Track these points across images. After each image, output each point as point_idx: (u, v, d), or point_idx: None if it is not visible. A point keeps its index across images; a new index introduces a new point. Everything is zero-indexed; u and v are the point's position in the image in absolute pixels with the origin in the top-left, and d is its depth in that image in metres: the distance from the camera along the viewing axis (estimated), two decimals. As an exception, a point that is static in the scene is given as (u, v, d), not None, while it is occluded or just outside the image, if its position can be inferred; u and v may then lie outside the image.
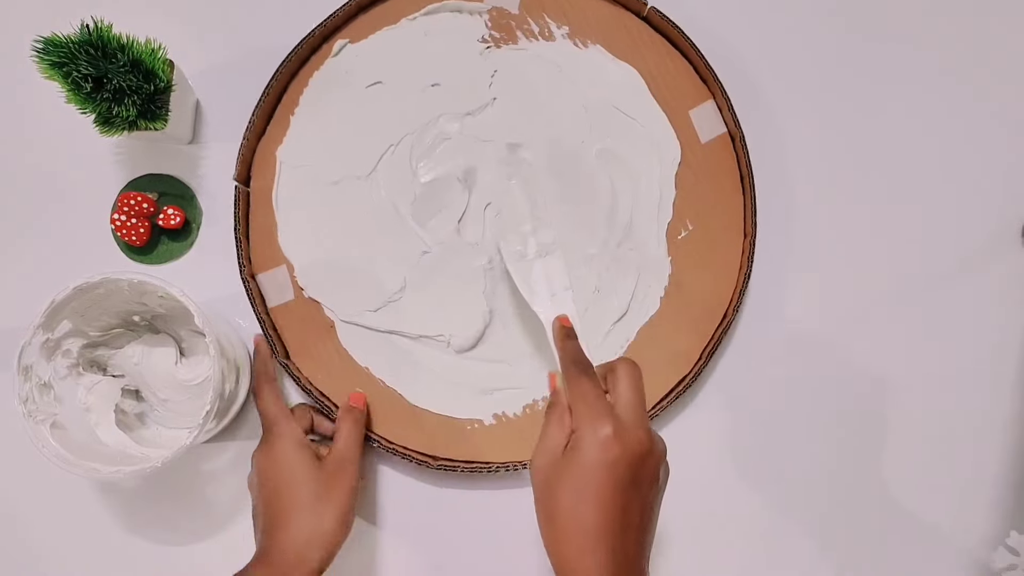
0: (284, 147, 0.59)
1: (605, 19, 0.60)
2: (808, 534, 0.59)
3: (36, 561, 0.59)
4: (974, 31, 0.63)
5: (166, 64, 0.55)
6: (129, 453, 0.53)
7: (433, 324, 0.58)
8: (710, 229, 0.59)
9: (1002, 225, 0.61)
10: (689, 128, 0.60)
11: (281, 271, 0.58)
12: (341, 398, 0.57)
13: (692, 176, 0.59)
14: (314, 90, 0.59)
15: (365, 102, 0.59)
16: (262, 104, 0.58)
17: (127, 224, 0.58)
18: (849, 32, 0.63)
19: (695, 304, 0.58)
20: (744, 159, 0.58)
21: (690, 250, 0.59)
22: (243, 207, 0.58)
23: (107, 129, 0.53)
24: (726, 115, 0.59)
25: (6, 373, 0.49)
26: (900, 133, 0.62)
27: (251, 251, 0.58)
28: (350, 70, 0.60)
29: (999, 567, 0.53)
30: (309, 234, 0.58)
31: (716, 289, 0.59)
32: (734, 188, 0.59)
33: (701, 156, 0.60)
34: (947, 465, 0.59)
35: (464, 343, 0.58)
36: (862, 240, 0.61)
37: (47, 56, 0.49)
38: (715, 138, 0.60)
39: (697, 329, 0.58)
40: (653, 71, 0.60)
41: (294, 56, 0.58)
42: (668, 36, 0.60)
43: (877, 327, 0.61)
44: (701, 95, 0.60)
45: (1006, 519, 0.58)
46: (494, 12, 0.60)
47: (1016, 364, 0.60)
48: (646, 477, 0.41)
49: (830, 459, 0.59)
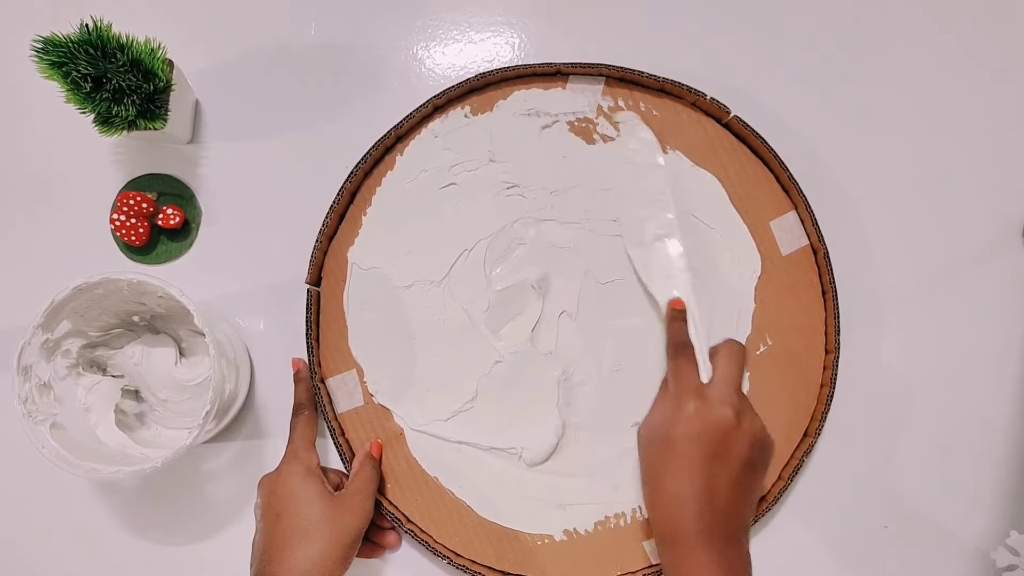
0: (356, 248, 0.58)
1: (686, 124, 0.59)
2: (805, 525, 0.58)
3: (36, 561, 0.59)
4: (973, 31, 0.62)
5: (165, 64, 0.55)
6: (129, 453, 0.52)
7: (505, 436, 0.57)
8: (789, 345, 0.58)
9: (1002, 225, 0.61)
10: (770, 239, 0.58)
11: (351, 376, 0.57)
12: (409, 508, 0.56)
13: (772, 289, 0.58)
14: (387, 191, 0.59)
15: (439, 204, 0.59)
16: (335, 206, 0.57)
17: (126, 224, 0.58)
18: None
19: (772, 423, 0.57)
20: (827, 274, 0.57)
21: (770, 366, 0.58)
22: (314, 310, 0.57)
23: (106, 129, 0.53)
24: (808, 227, 0.58)
25: (6, 373, 0.49)
26: (900, 132, 0.61)
27: (321, 354, 0.57)
28: (426, 168, 0.59)
29: (999, 567, 0.53)
30: (380, 338, 0.58)
31: (795, 408, 0.57)
32: (815, 302, 0.58)
33: (782, 269, 0.58)
34: (947, 465, 0.59)
35: (536, 457, 0.56)
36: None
37: (47, 56, 0.49)
38: (797, 250, 0.58)
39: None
40: (733, 179, 0.59)
41: (369, 156, 0.58)
42: (749, 144, 0.59)
43: (876, 327, 0.60)
44: (783, 206, 0.59)
45: (1006, 519, 0.58)
46: (574, 120, 0.59)
47: (1017, 364, 0.59)
48: (733, 451, 0.45)
49: (834, 455, 0.58)
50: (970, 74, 0.62)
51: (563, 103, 0.59)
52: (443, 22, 0.63)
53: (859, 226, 0.60)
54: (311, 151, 0.60)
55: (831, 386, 0.56)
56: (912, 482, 0.59)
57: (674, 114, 0.59)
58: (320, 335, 0.58)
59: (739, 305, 0.58)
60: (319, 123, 0.61)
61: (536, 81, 0.59)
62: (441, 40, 0.62)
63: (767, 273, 0.58)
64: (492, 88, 0.59)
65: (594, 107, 0.59)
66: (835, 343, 0.57)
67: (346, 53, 0.62)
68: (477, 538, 0.56)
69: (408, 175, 0.59)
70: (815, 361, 0.57)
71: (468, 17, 0.63)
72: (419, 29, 0.62)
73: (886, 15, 0.62)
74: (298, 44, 0.62)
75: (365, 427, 0.57)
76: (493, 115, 0.59)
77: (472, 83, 0.58)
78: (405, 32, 0.62)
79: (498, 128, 0.59)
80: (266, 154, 0.61)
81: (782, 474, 0.57)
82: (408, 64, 0.62)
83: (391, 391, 0.57)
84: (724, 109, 0.58)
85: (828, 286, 0.57)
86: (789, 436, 0.57)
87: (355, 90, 0.61)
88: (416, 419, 0.57)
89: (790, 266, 0.58)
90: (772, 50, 0.62)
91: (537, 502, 0.57)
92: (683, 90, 0.58)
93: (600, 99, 0.59)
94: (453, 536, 0.56)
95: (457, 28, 0.63)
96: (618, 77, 0.59)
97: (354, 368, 0.57)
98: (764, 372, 0.57)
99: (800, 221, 0.58)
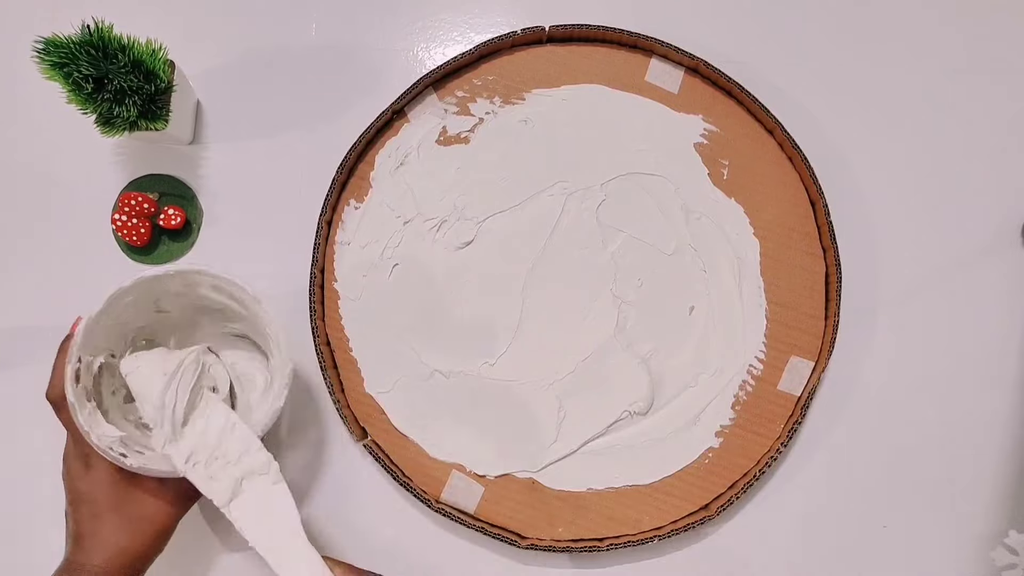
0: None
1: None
2: (804, 525, 0.58)
3: (36, 560, 0.57)
4: (972, 32, 0.62)
5: (167, 64, 0.55)
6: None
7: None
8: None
9: (1002, 225, 0.61)
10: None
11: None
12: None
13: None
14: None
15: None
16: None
17: (128, 224, 0.59)
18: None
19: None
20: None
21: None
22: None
23: (108, 129, 0.54)
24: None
25: (6, 372, 0.48)
26: (899, 133, 0.61)
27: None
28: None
29: (998, 566, 0.53)
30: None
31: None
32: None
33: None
34: (946, 464, 0.59)
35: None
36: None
37: (48, 57, 0.49)
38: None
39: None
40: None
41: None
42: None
43: (876, 326, 0.60)
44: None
45: (1005, 519, 0.58)
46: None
47: (1016, 363, 0.59)
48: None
49: (833, 455, 0.59)
50: (970, 74, 0.62)
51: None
52: (443, 23, 0.63)
53: (859, 226, 0.61)
54: (312, 151, 0.61)
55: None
56: (912, 482, 0.59)
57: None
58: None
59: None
60: (320, 124, 0.61)
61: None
62: (441, 41, 0.63)
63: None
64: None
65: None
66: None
67: (347, 54, 0.62)
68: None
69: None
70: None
71: (468, 18, 0.63)
72: (419, 30, 0.63)
73: (887, 16, 0.63)
74: (299, 45, 0.62)
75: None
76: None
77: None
78: (405, 33, 0.63)
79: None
80: (267, 154, 0.61)
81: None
82: (409, 65, 0.62)
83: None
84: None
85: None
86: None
87: (356, 91, 0.61)
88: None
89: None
90: (776, 29, 0.62)
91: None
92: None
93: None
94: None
95: (457, 29, 0.63)
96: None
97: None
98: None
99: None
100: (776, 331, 0.58)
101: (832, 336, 0.57)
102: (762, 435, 0.57)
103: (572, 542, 0.56)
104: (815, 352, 0.57)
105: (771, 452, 0.56)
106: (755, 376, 0.57)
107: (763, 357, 0.57)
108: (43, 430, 0.54)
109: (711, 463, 0.57)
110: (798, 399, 0.57)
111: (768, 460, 0.56)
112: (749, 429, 0.57)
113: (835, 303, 0.57)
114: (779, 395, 0.57)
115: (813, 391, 0.57)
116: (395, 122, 0.59)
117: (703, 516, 0.55)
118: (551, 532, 0.56)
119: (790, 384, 0.57)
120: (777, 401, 0.57)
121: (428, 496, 0.55)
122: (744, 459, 0.56)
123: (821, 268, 0.58)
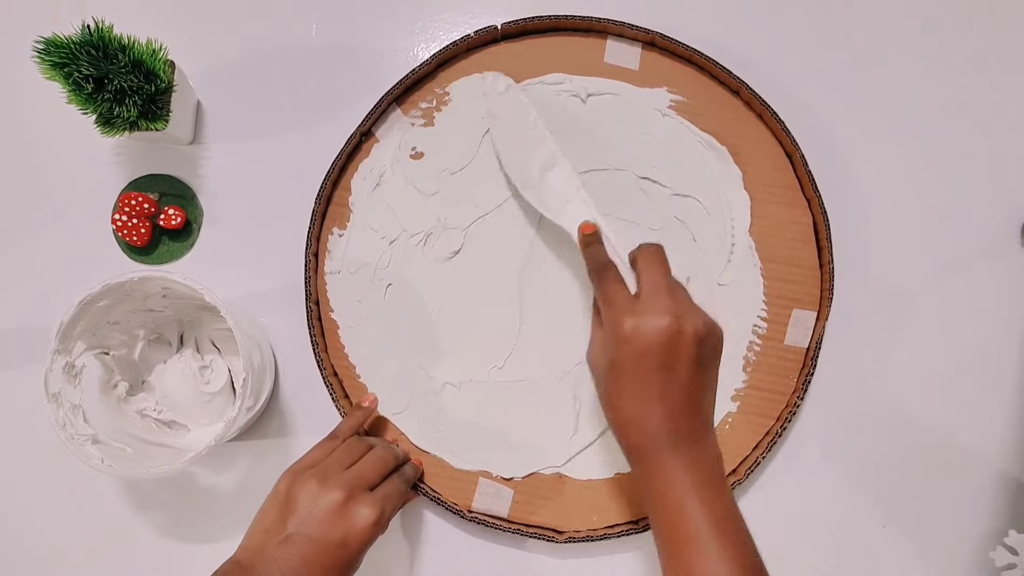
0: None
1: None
2: (804, 525, 0.58)
3: (36, 560, 0.59)
4: (971, 30, 0.62)
5: (167, 65, 0.55)
6: (175, 446, 0.53)
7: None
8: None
9: (1002, 225, 0.61)
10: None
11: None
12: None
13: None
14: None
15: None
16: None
17: (128, 224, 0.59)
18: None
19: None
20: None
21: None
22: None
23: (108, 130, 0.54)
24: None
25: (6, 372, 0.50)
26: (898, 133, 0.61)
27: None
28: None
29: (998, 566, 0.53)
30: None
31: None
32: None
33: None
34: (946, 464, 0.59)
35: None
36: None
37: (48, 57, 0.50)
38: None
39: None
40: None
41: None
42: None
43: (875, 326, 0.60)
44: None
45: (1005, 519, 0.58)
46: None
47: (1016, 364, 0.59)
48: (680, 356, 0.43)
49: (832, 456, 0.59)
50: (970, 74, 0.62)
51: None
52: (443, 23, 0.63)
53: (859, 226, 0.61)
54: (312, 151, 0.60)
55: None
56: (911, 482, 0.59)
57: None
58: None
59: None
60: (320, 124, 0.61)
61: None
62: (441, 41, 0.63)
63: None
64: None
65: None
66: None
67: (347, 54, 0.62)
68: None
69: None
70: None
71: (468, 19, 0.63)
72: (419, 30, 0.63)
73: (886, 15, 0.63)
74: (299, 45, 0.62)
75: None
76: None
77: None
78: (405, 33, 0.63)
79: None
80: (267, 154, 0.61)
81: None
82: (409, 65, 0.62)
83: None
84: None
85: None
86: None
87: (356, 91, 0.61)
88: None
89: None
90: (776, 31, 0.62)
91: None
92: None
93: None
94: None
95: (457, 29, 0.63)
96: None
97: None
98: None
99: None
100: (774, 287, 0.58)
101: (830, 284, 0.57)
102: (777, 392, 0.57)
103: (608, 528, 0.56)
104: (815, 302, 0.58)
105: (789, 407, 0.57)
106: (760, 335, 0.58)
107: (765, 315, 0.58)
108: (43, 430, 0.54)
109: (731, 428, 0.57)
110: (807, 350, 0.57)
111: (788, 416, 0.56)
112: (764, 388, 0.57)
113: (827, 251, 0.57)
114: (787, 350, 0.58)
115: (820, 341, 0.57)
116: (364, 144, 0.59)
117: (733, 481, 0.56)
118: (587, 522, 0.56)
119: (796, 337, 0.58)
120: (787, 356, 0.58)
121: (460, 507, 0.56)
122: (764, 418, 0.57)
123: (808, 218, 0.58)
